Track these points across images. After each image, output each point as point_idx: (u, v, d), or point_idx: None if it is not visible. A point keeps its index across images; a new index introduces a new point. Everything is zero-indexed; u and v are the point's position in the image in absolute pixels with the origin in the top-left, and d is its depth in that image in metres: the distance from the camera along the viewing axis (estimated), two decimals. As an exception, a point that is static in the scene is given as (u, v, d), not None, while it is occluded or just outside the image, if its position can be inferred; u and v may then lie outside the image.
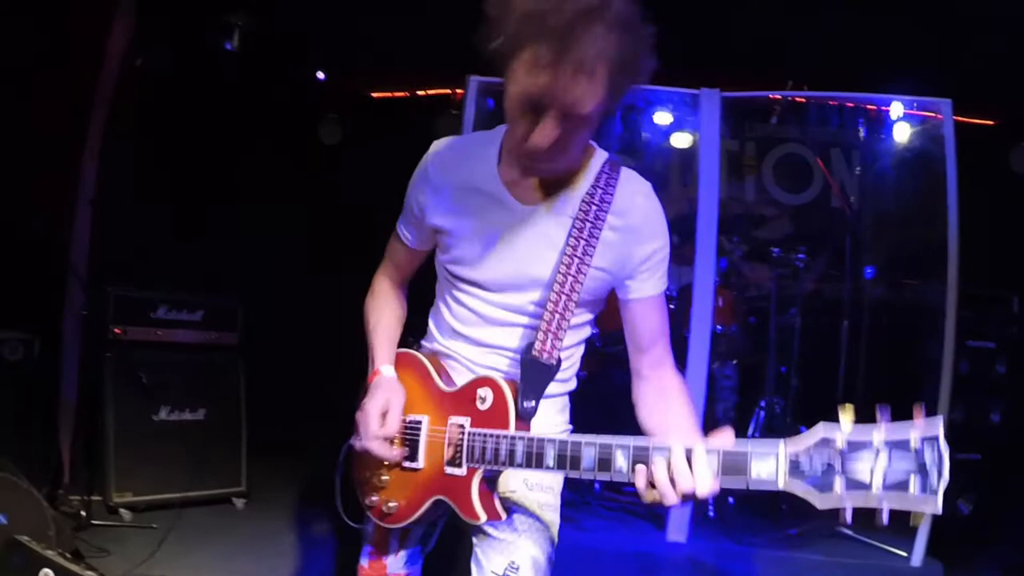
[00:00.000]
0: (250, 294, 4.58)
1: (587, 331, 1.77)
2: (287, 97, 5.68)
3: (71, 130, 4.21)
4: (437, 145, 1.73)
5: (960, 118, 5.36)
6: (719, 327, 3.91)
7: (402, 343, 1.86)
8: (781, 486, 1.23)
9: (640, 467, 1.34)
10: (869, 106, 4.69)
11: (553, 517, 1.73)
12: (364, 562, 1.87)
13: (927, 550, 3.46)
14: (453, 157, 1.70)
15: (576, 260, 1.57)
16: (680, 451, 1.31)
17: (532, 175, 1.59)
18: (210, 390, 4.27)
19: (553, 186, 1.61)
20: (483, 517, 1.55)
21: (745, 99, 4.67)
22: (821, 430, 1.21)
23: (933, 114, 3.85)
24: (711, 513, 3.77)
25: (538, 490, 1.71)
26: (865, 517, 3.17)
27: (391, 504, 1.68)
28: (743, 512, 3.83)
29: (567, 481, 2.47)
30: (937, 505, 1.12)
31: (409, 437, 1.68)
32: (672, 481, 1.30)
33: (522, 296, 1.65)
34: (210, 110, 5.03)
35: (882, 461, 1.16)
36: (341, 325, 2.15)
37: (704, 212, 3.54)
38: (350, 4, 4.71)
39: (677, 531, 3.40)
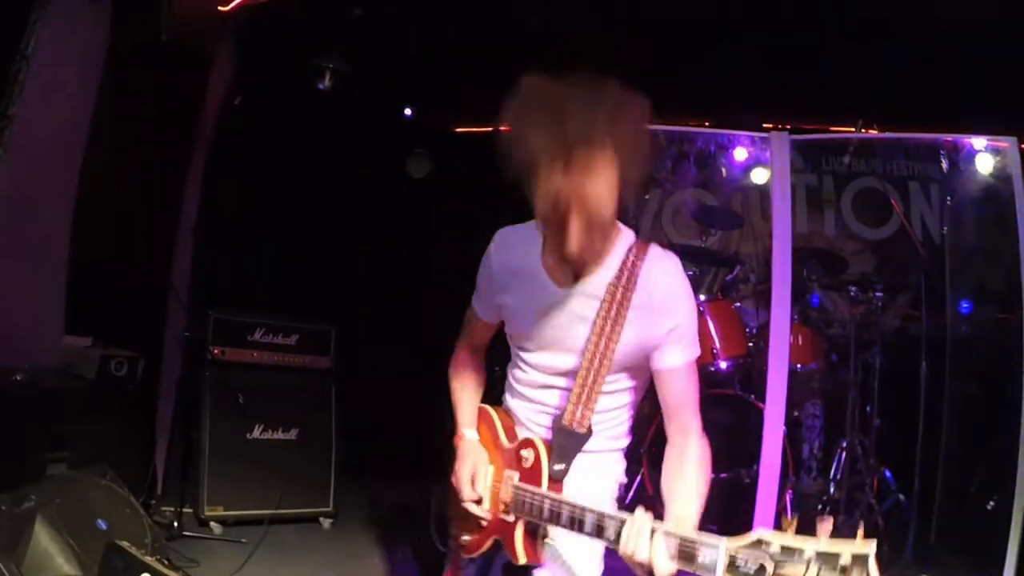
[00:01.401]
0: (344, 320, 4.63)
1: (628, 396, 1.89)
2: (377, 132, 5.76)
3: (176, 164, 4.34)
4: (498, 234, 1.95)
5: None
6: (799, 365, 3.76)
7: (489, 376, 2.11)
8: None
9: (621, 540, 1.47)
10: (946, 139, 4.51)
11: (588, 566, 1.81)
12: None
13: None
14: (508, 244, 1.92)
15: (604, 337, 1.72)
16: (645, 527, 1.44)
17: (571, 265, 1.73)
18: (302, 411, 4.32)
19: (583, 268, 1.76)
20: (523, 559, 1.74)
21: (822, 138, 4.55)
22: (761, 540, 1.25)
23: (1005, 145, 3.64)
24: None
25: (574, 544, 1.79)
26: (946, 562, 2.97)
27: (465, 537, 1.93)
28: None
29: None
30: None
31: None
32: (634, 553, 1.43)
33: (560, 363, 1.82)
34: (305, 146, 5.15)
35: (811, 572, 1.18)
36: (431, 352, 2.26)
37: (779, 252, 3.43)
38: (435, 41, 4.77)
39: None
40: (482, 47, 4.57)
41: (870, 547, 1.16)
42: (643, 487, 3.95)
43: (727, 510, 3.76)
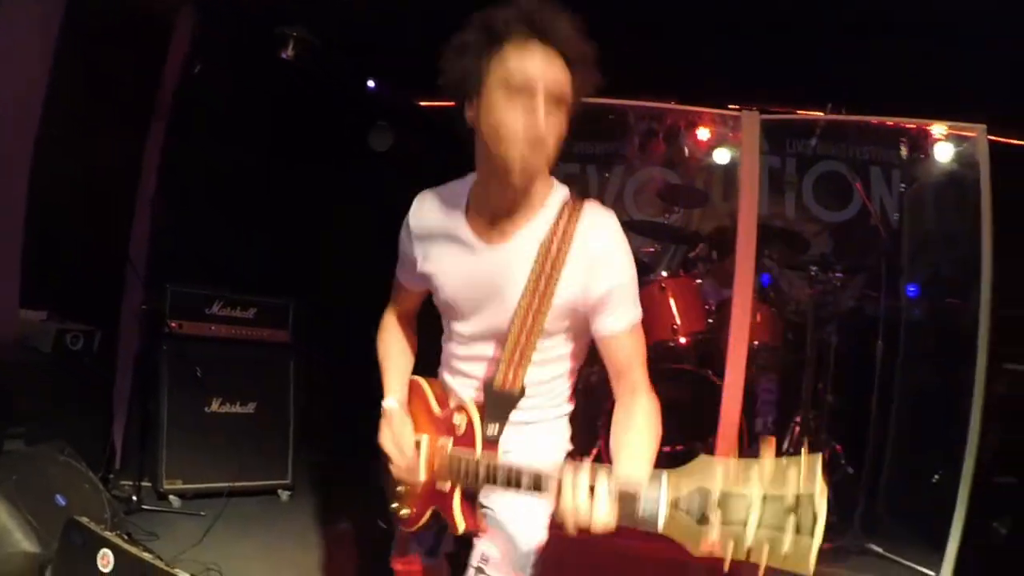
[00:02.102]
0: (302, 293, 4.69)
1: (569, 363, 1.82)
2: (339, 105, 5.77)
3: (133, 133, 4.33)
4: (416, 198, 1.88)
5: (1007, 140, 5.33)
6: (756, 342, 3.91)
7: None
8: (660, 527, 1.27)
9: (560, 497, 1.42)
10: (909, 126, 4.66)
11: (531, 532, 1.79)
12: (393, 555, 2.09)
13: (956, 571, 3.41)
14: (428, 208, 1.84)
15: (537, 296, 1.65)
16: (583, 478, 1.39)
17: (514, 184, 1.62)
18: (260, 385, 4.38)
19: (514, 224, 1.70)
20: (461, 527, 1.72)
21: (787, 119, 4.68)
22: (703, 471, 1.24)
23: (973, 133, 3.79)
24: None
25: (515, 510, 1.78)
26: (892, 534, 3.17)
27: (404, 511, 1.91)
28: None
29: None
30: (808, 566, 1.13)
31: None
32: (574, 505, 1.38)
33: (492, 329, 1.75)
34: (266, 117, 5.14)
35: (755, 515, 1.17)
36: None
37: (744, 230, 3.54)
38: (403, 14, 4.79)
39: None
40: (449, 18, 4.61)
41: (815, 484, 1.15)
42: (599, 460, 4.08)
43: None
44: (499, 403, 1.71)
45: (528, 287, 1.66)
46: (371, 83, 6.03)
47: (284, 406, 4.46)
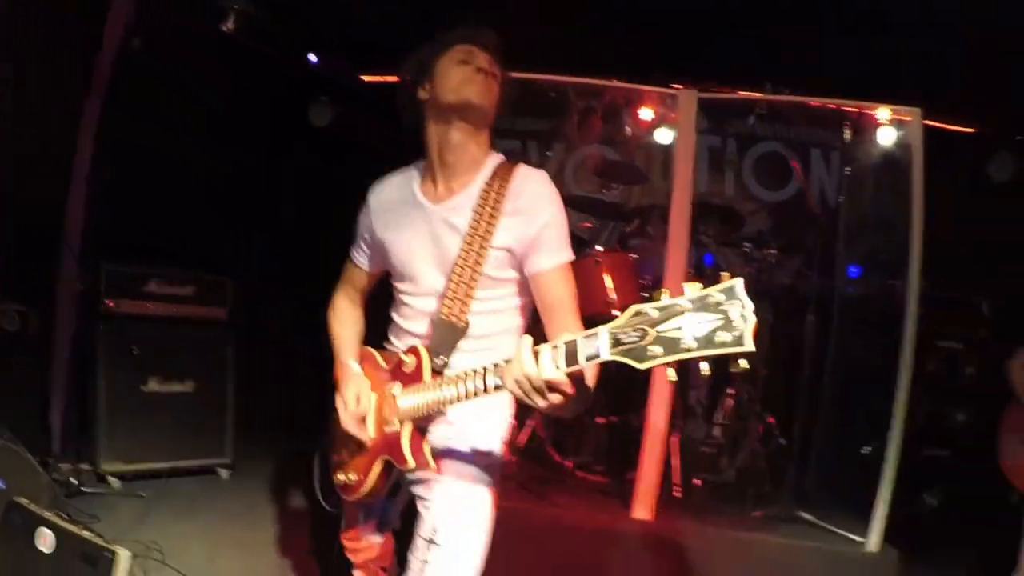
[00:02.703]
0: (240, 270, 4.69)
1: (511, 316, 2.01)
2: (280, 79, 5.75)
3: (69, 108, 4.28)
4: (373, 184, 2.19)
5: (942, 124, 5.57)
6: None
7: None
8: (607, 356, 1.41)
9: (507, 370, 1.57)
10: (850, 109, 4.84)
11: (474, 497, 1.93)
12: (343, 532, 2.24)
13: (884, 537, 3.59)
14: (385, 187, 2.16)
15: (477, 240, 1.90)
16: (525, 348, 1.53)
17: (460, 138, 1.98)
18: (199, 363, 4.39)
19: (457, 183, 2.00)
20: (411, 463, 1.85)
21: (725, 98, 4.82)
22: (637, 307, 1.40)
23: (908, 118, 3.96)
24: (678, 493, 3.93)
25: (464, 461, 1.93)
26: (823, 503, 3.38)
27: (351, 477, 2.03)
28: (709, 494, 4.01)
29: (540, 458, 2.73)
30: (746, 344, 1.25)
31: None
32: (529, 379, 1.52)
33: (439, 281, 1.97)
34: (205, 91, 5.10)
35: (689, 319, 1.31)
36: (326, 303, 2.33)
37: (678, 207, 3.69)
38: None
39: (643, 509, 3.55)
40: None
41: (736, 281, 1.29)
42: (535, 436, 4.23)
43: (617, 452, 4.09)
44: (445, 334, 1.91)
45: (468, 232, 1.92)
46: (312, 57, 6.02)
47: (223, 384, 4.49)
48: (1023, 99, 4.92)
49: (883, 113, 4.27)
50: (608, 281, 3.95)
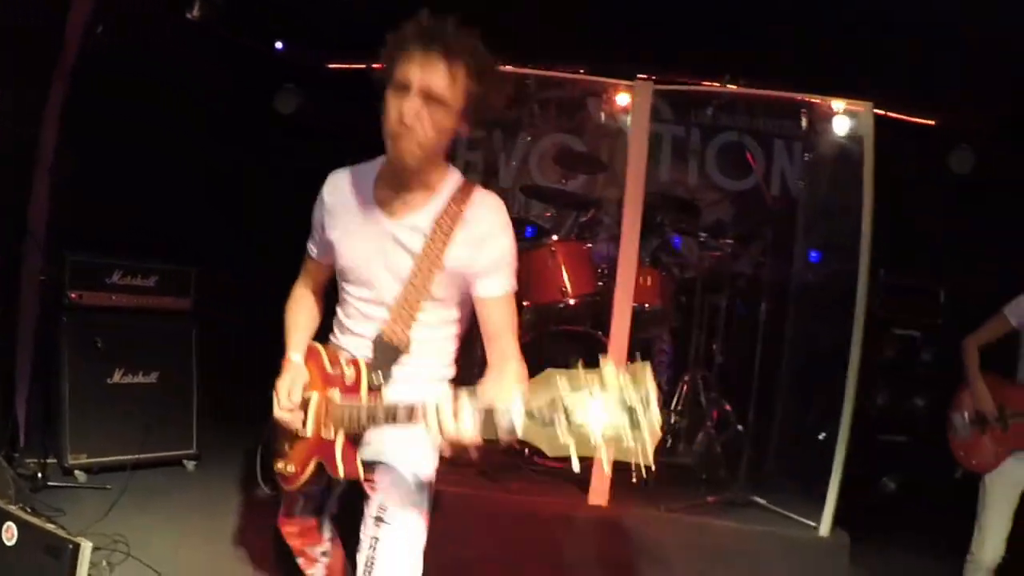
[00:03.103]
0: (205, 260, 4.73)
1: (453, 328, 2.11)
2: (246, 67, 5.76)
3: (32, 97, 4.28)
4: (331, 175, 2.18)
5: (904, 117, 5.71)
6: (646, 305, 4.14)
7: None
8: (519, 434, 1.50)
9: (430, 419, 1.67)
10: (809, 100, 4.96)
11: (416, 479, 2.03)
12: (280, 519, 2.35)
13: (838, 522, 3.70)
14: (341, 183, 2.15)
15: (427, 264, 1.97)
16: (447, 404, 1.64)
17: (402, 167, 1.94)
18: (163, 354, 4.44)
19: (415, 203, 2.02)
20: (342, 472, 1.93)
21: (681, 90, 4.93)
22: (551, 382, 1.43)
23: (861, 108, 4.06)
24: (633, 479, 4.05)
25: (404, 448, 2.03)
26: (777, 488, 3.51)
27: (289, 468, 2.10)
28: (662, 480, 4.10)
29: (499, 448, 2.86)
30: (648, 457, 1.33)
31: (304, 411, 2.07)
32: (443, 426, 1.63)
33: (385, 293, 2.03)
34: (169, 79, 5.11)
35: (599, 414, 1.36)
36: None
37: (631, 196, 3.77)
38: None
39: (599, 495, 3.66)
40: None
41: (648, 383, 1.33)
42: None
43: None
44: (385, 354, 1.99)
45: (420, 255, 1.97)
46: (279, 44, 6.04)
47: (188, 375, 4.54)
48: (984, 94, 5.07)
49: (836, 104, 4.38)
50: (563, 270, 4.05)
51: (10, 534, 2.53)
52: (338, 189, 2.14)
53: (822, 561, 3.62)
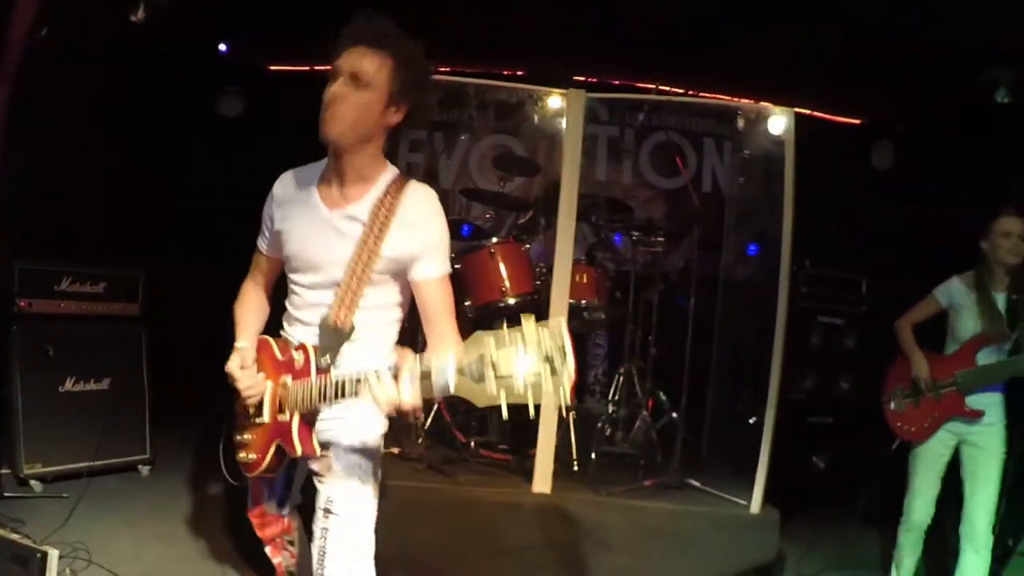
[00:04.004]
0: (155, 263, 4.81)
1: (394, 313, 2.30)
2: (190, 69, 5.80)
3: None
4: (282, 175, 2.38)
5: (828, 116, 6.08)
6: (583, 301, 4.35)
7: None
8: (452, 390, 1.69)
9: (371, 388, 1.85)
10: (742, 102, 5.22)
11: (361, 469, 2.22)
12: (250, 511, 2.51)
13: (766, 500, 3.96)
14: (290, 180, 2.35)
15: (367, 250, 2.14)
16: (386, 372, 1.82)
17: (331, 146, 2.15)
18: (114, 360, 4.54)
19: (353, 195, 2.20)
20: (299, 450, 2.09)
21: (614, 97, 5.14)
22: (479, 341, 1.64)
23: (783, 116, 4.29)
24: (575, 467, 4.29)
25: (351, 426, 2.23)
26: (710, 471, 3.78)
27: (250, 456, 2.25)
28: (603, 467, 4.38)
29: (447, 440, 3.08)
30: (565, 397, 1.56)
31: (260, 399, 2.23)
32: (385, 393, 1.81)
33: (328, 278, 2.20)
34: (116, 82, 5.14)
35: (522, 360, 1.57)
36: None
37: (565, 199, 4.00)
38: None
39: (542, 483, 3.89)
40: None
41: (561, 329, 1.52)
42: (440, 419, 4.51)
43: (518, 432, 4.44)
44: (331, 337, 2.15)
45: (360, 243, 2.14)
46: (222, 47, 6.11)
47: (138, 380, 4.64)
48: (904, 93, 5.42)
49: (765, 108, 4.65)
50: (503, 270, 4.24)
51: (-27, 544, 2.65)
52: (286, 185, 2.35)
53: (754, 536, 3.91)
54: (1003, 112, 4.83)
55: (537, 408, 1.62)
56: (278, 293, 2.48)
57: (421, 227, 2.17)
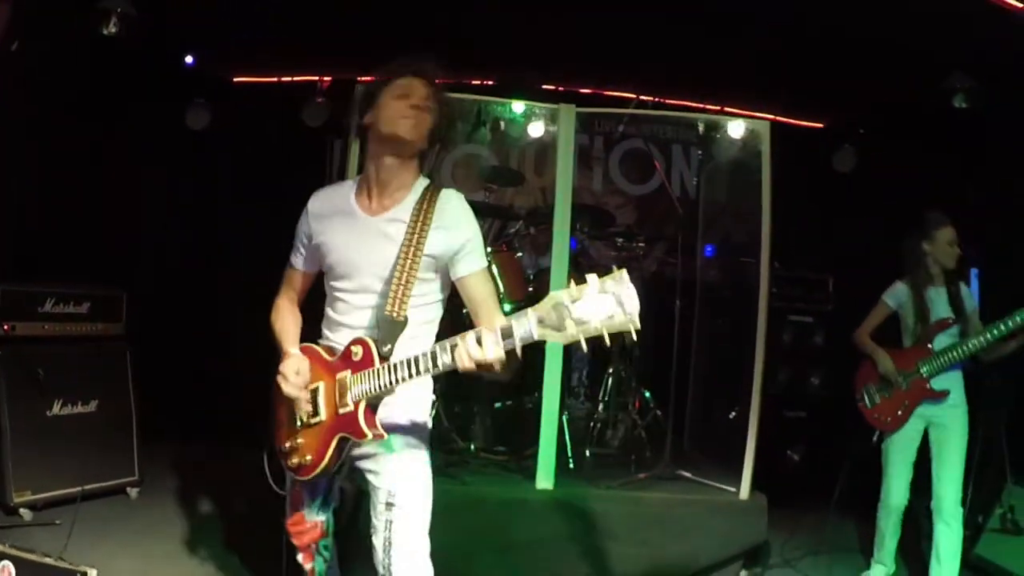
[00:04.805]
0: (136, 281, 4.81)
1: (435, 308, 2.47)
2: (159, 82, 5.81)
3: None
4: (313, 195, 2.56)
5: (792, 120, 6.38)
6: None
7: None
8: (536, 336, 1.88)
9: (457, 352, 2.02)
10: (711, 106, 5.44)
11: (416, 462, 2.38)
12: (288, 519, 2.57)
13: (753, 486, 4.20)
14: (324, 196, 2.55)
15: (412, 249, 2.32)
16: (471, 336, 1.99)
17: (404, 144, 2.35)
18: (100, 382, 4.52)
19: (390, 200, 2.41)
20: (369, 435, 2.21)
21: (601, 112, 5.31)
22: (555, 296, 1.85)
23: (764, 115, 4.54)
24: (571, 465, 4.48)
25: (404, 442, 2.36)
26: (697, 463, 3.96)
27: (307, 457, 2.34)
28: (597, 464, 4.59)
29: (446, 445, 3.19)
30: (634, 324, 1.76)
31: (313, 401, 2.34)
32: (471, 355, 1.98)
33: (373, 280, 2.36)
34: (88, 96, 5.15)
35: (594, 305, 1.79)
36: (219, 307, 2.59)
37: (559, 210, 4.20)
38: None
39: (545, 480, 4.05)
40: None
41: (624, 276, 1.74)
42: (439, 425, 4.58)
43: (513, 431, 4.62)
44: (388, 328, 2.28)
45: (405, 241, 2.32)
46: (189, 59, 6.09)
47: (125, 400, 4.61)
48: (864, 97, 5.75)
49: (736, 120, 4.90)
50: (499, 279, 4.40)
51: (7, 572, 2.67)
52: (322, 201, 2.53)
53: (745, 520, 4.16)
54: (959, 117, 5.16)
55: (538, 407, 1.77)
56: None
57: (457, 227, 2.37)
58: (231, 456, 4.26)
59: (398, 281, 2.31)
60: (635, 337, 1.80)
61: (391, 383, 2.17)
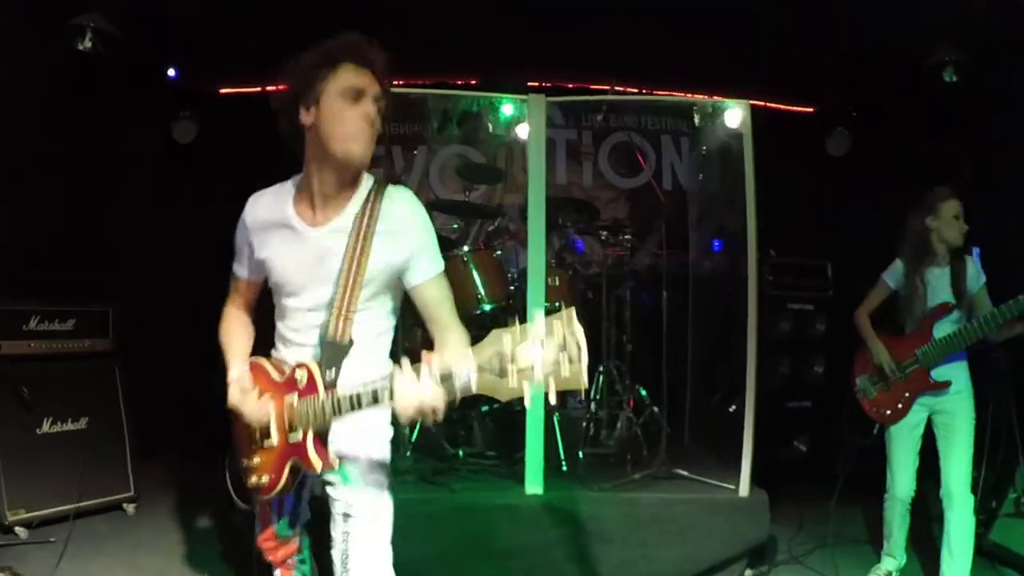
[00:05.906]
0: (121, 296, 4.81)
1: (389, 321, 2.34)
2: (143, 96, 5.84)
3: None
4: (249, 199, 2.36)
5: (784, 106, 6.34)
6: (556, 303, 4.45)
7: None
8: (475, 389, 1.78)
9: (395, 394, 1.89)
10: (688, 99, 5.40)
11: (378, 466, 2.29)
12: (258, 535, 2.52)
13: (753, 483, 4.13)
14: (258, 204, 2.34)
15: (355, 261, 2.16)
16: (406, 375, 1.87)
17: (350, 167, 2.17)
18: (90, 398, 4.54)
19: (332, 209, 2.23)
20: (318, 467, 2.11)
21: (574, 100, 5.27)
22: (496, 342, 1.74)
23: (739, 109, 4.46)
24: (563, 468, 4.43)
25: (363, 438, 2.28)
26: (695, 460, 3.91)
27: (264, 478, 2.25)
28: (591, 465, 4.55)
29: (435, 452, 3.07)
30: (582, 383, 1.65)
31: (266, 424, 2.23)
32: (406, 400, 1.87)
33: (321, 297, 2.22)
34: (69, 111, 5.16)
35: (539, 356, 1.66)
36: (209, 321, 2.55)
37: (533, 203, 4.08)
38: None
39: (534, 484, 4.02)
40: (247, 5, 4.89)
41: (573, 319, 1.62)
42: (427, 432, 4.63)
43: (502, 434, 4.61)
44: (333, 352, 2.16)
45: (346, 256, 2.16)
46: (171, 72, 6.13)
47: (117, 416, 4.64)
48: (855, 79, 5.69)
49: (717, 103, 4.85)
50: (477, 279, 4.38)
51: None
52: (258, 210, 2.33)
53: (746, 518, 4.08)
54: (951, 91, 5.07)
55: (525, 407, 1.72)
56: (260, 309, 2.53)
57: (405, 231, 2.21)
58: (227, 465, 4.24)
59: (341, 298, 2.17)
60: (582, 395, 1.71)
61: (336, 414, 2.07)
